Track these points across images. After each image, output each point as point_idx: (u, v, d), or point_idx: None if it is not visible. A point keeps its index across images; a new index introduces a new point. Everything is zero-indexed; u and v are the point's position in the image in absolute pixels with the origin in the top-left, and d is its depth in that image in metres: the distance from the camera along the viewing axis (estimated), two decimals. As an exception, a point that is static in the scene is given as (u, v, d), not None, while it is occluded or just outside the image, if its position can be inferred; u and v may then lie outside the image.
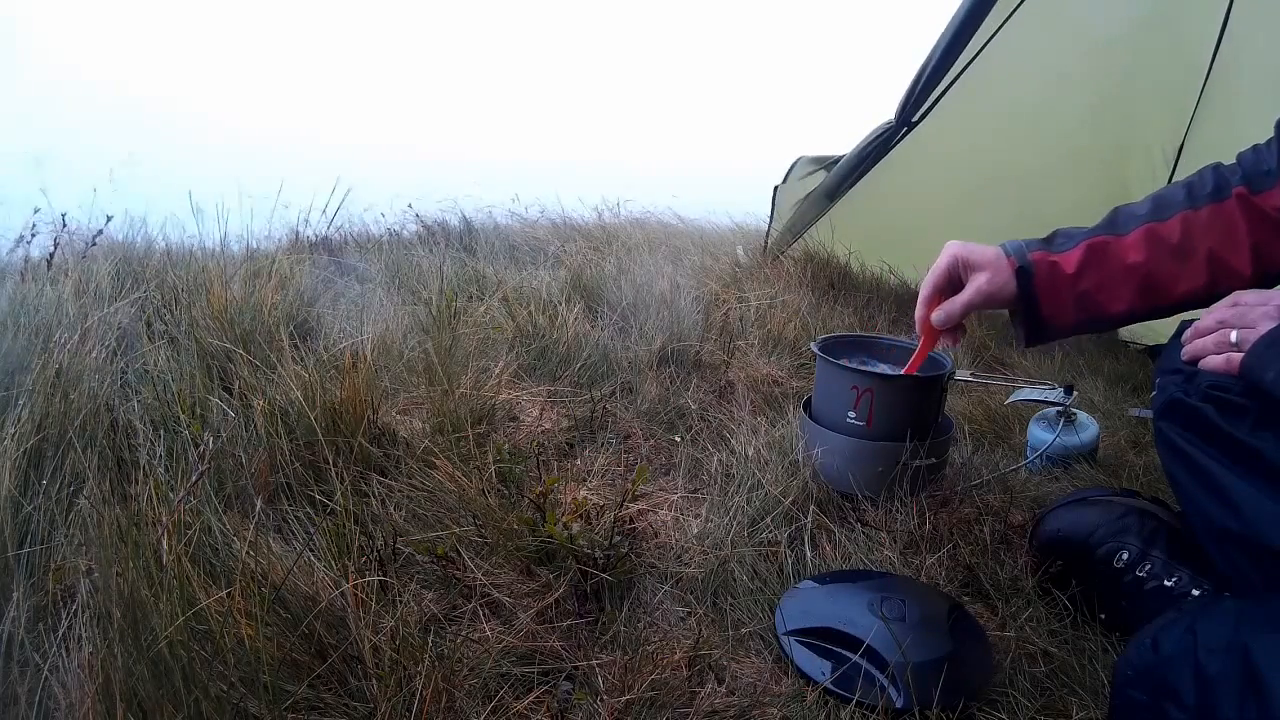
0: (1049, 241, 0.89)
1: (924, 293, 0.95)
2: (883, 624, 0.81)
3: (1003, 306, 0.91)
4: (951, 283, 0.93)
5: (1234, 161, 0.86)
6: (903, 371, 1.13)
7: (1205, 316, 0.80)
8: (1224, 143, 0.88)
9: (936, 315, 0.93)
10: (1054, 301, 0.87)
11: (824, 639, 0.83)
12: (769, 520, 1.04)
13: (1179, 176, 2.15)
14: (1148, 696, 0.66)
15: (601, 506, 1.04)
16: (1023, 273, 0.87)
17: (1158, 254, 0.84)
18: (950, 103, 2.01)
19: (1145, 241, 0.85)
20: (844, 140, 2.21)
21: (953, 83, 1.98)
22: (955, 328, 0.95)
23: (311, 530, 0.91)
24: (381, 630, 0.72)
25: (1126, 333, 2.35)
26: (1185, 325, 0.85)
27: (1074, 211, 0.93)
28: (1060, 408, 1.33)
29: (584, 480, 1.16)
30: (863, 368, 1.15)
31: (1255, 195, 0.82)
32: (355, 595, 0.75)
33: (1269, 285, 0.85)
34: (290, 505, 0.98)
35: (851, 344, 1.29)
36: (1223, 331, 0.77)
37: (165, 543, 0.68)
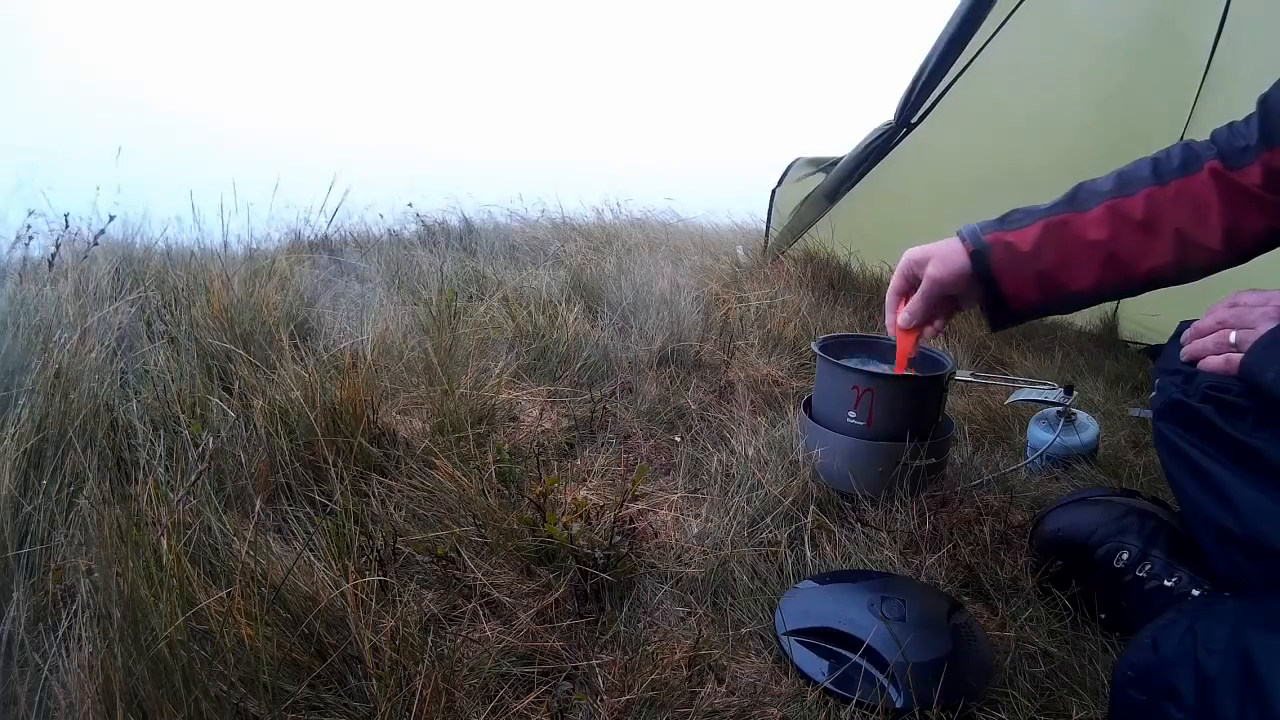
0: (1003, 220, 0.88)
1: (888, 301, 0.98)
2: (883, 624, 0.81)
3: (963, 290, 0.91)
4: (911, 286, 0.95)
5: (1207, 138, 0.85)
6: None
7: (1204, 317, 0.80)
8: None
9: (902, 317, 0.96)
10: (1015, 281, 0.87)
11: (824, 639, 0.83)
12: (769, 520, 1.04)
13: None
14: (1148, 696, 0.66)
15: (601, 506, 1.04)
16: (978, 255, 0.87)
17: (1121, 230, 0.83)
18: (950, 103, 2.01)
19: (1108, 218, 0.83)
20: (843, 141, 2.21)
21: (952, 83, 1.98)
22: (932, 323, 0.97)
23: (311, 530, 0.90)
24: (381, 630, 0.72)
25: (1128, 333, 2.35)
26: (1184, 325, 0.85)
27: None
28: (1060, 408, 1.33)
29: (584, 480, 1.16)
30: (863, 368, 1.15)
31: (1231, 171, 0.81)
32: (355, 595, 0.75)
33: (1243, 261, 0.84)
34: (290, 505, 0.98)
35: (852, 344, 1.29)
36: (1222, 332, 0.77)
37: (165, 543, 0.68)
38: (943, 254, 0.89)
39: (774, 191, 2.43)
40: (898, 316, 0.97)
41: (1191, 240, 0.82)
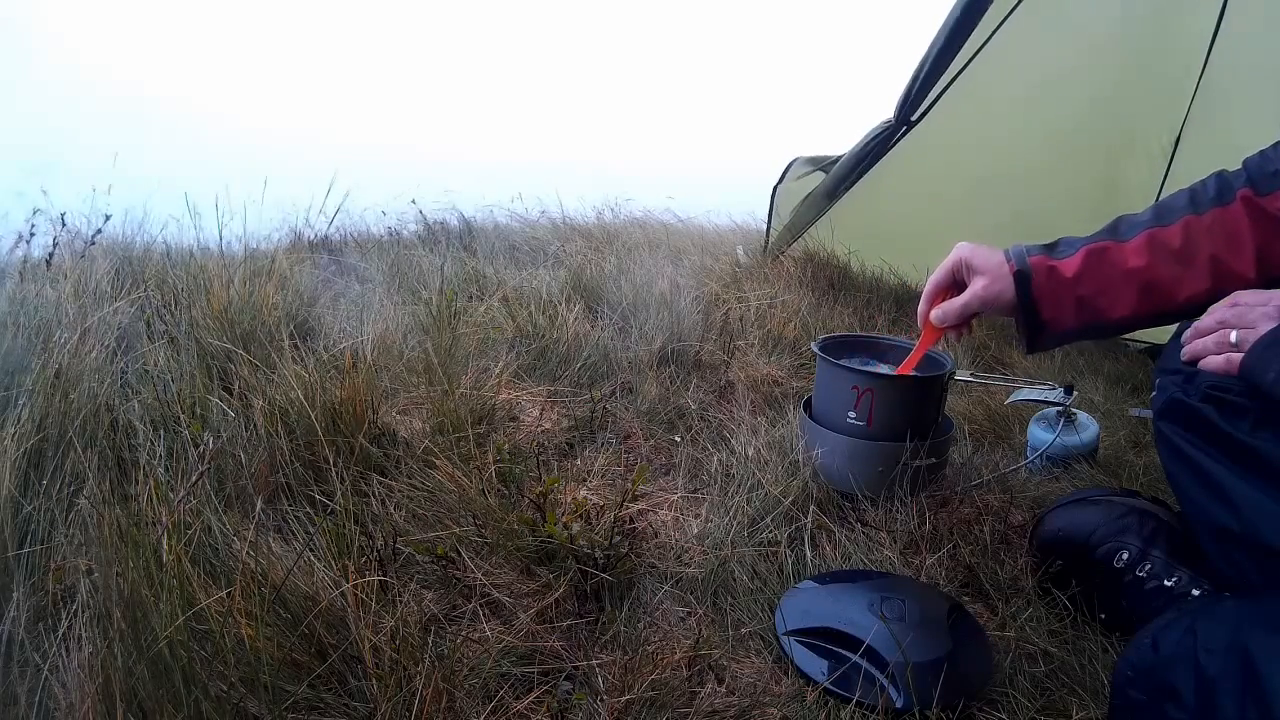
0: (1051, 248, 0.90)
1: (927, 290, 0.98)
2: (883, 624, 0.81)
3: (1003, 312, 0.92)
4: (956, 282, 0.95)
5: (1239, 167, 0.87)
6: (899, 368, 1.14)
7: (1205, 317, 0.80)
8: (1219, 137, 0.89)
9: (935, 313, 0.96)
10: (1054, 305, 0.88)
11: (824, 639, 0.83)
12: (769, 520, 1.04)
13: (1174, 172, 2.15)
14: (1148, 696, 0.66)
15: (601, 506, 1.04)
16: (1021, 276, 0.88)
17: (1159, 258, 0.84)
18: (949, 101, 2.01)
19: (1147, 246, 0.85)
20: (842, 140, 2.22)
21: (952, 81, 1.98)
22: (958, 325, 0.97)
23: (311, 530, 0.90)
24: (381, 630, 0.72)
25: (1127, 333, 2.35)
26: (1185, 325, 0.85)
27: (1072, 208, 0.94)
28: (1060, 408, 1.33)
29: (584, 480, 1.16)
30: (863, 368, 1.15)
31: (1261, 198, 0.82)
32: (355, 595, 0.75)
33: (1275, 289, 0.85)
34: (290, 505, 0.98)
35: (852, 344, 1.29)
36: (1222, 332, 0.77)
37: (165, 543, 0.67)
38: (992, 274, 0.90)
39: (775, 189, 2.43)
40: (932, 311, 0.97)
41: (1226, 268, 0.83)
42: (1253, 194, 0.83)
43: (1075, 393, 1.34)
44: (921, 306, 0.99)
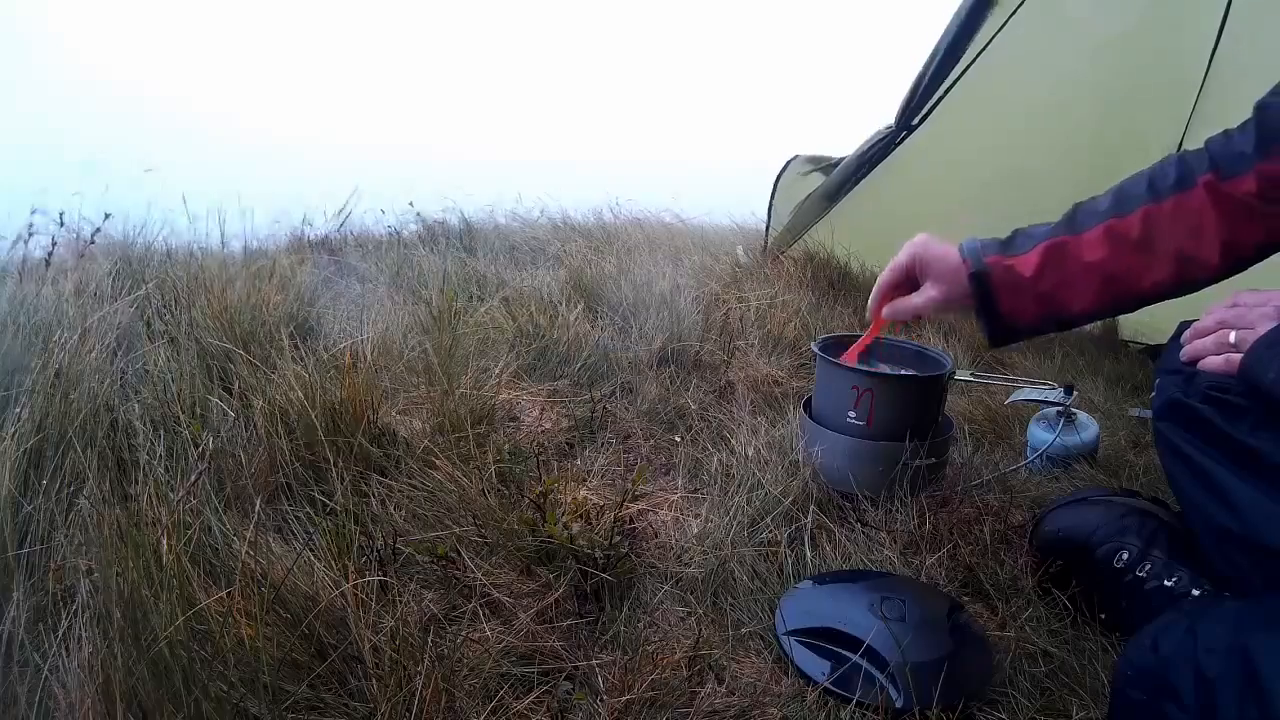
0: (1008, 243, 0.88)
1: (881, 281, 0.98)
2: (883, 624, 0.81)
3: (961, 310, 0.91)
4: (910, 278, 0.95)
5: (1200, 148, 0.84)
6: (841, 357, 1.14)
7: (1204, 317, 0.80)
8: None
9: (887, 310, 0.97)
10: (1012, 302, 0.87)
11: (824, 639, 0.83)
12: (769, 520, 1.04)
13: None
14: (1148, 696, 0.66)
15: (601, 506, 1.04)
16: (977, 278, 0.87)
17: (1118, 250, 0.83)
18: (950, 105, 2.01)
19: (1105, 238, 0.83)
20: (844, 141, 2.21)
21: (953, 85, 1.98)
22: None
23: (311, 530, 0.90)
24: (381, 630, 0.72)
25: (1128, 333, 2.35)
26: (1185, 325, 0.85)
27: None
28: (1060, 408, 1.33)
29: (584, 480, 1.16)
30: (863, 367, 1.15)
31: (1224, 182, 0.80)
32: (355, 595, 0.75)
33: (1239, 271, 0.83)
34: (290, 505, 0.98)
35: (851, 344, 1.29)
36: (1222, 332, 0.77)
37: (165, 543, 0.68)
38: (948, 281, 0.89)
39: (776, 181, 2.42)
40: (884, 306, 0.97)
41: (1190, 257, 0.82)
42: (1215, 179, 0.80)
43: (1075, 393, 1.34)
44: (872, 303, 0.99)
